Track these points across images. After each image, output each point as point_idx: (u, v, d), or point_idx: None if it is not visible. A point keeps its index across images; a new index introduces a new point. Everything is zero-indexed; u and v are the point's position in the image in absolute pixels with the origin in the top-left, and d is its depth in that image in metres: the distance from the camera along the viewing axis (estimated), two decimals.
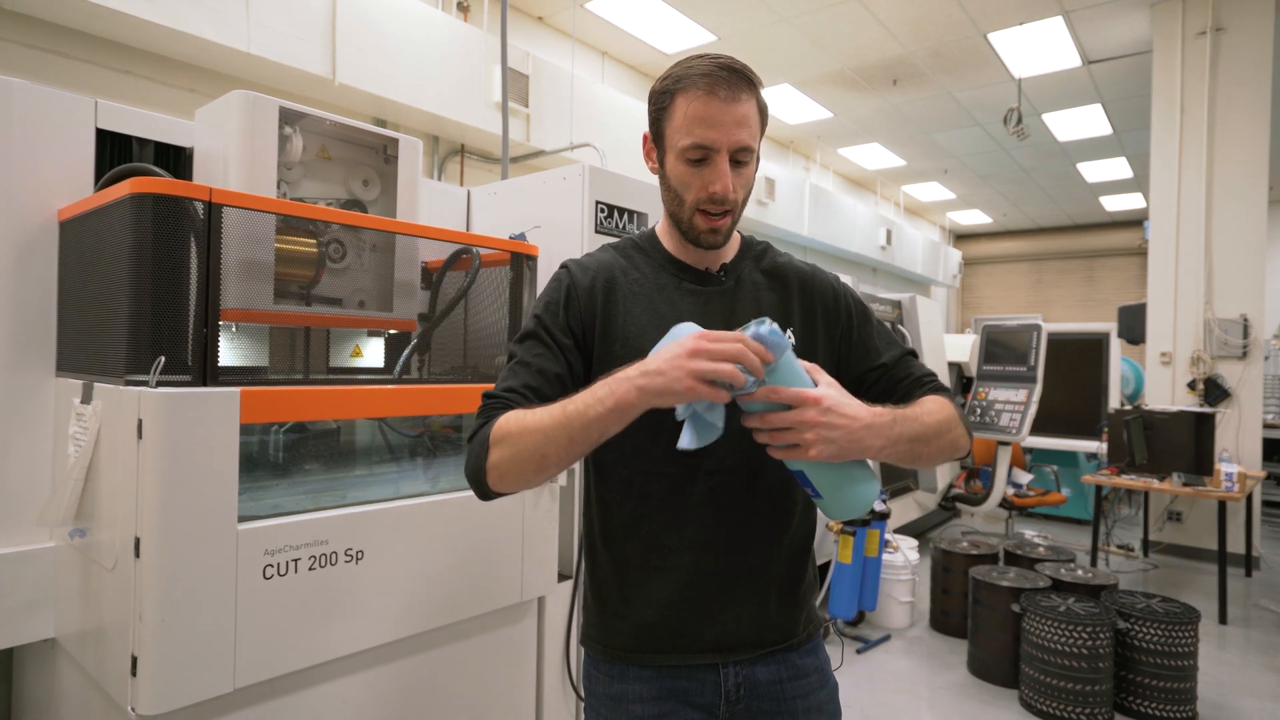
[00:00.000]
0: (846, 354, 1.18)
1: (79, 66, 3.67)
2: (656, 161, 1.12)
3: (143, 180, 1.44)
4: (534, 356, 1.09)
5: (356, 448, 2.08)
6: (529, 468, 0.98)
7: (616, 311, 1.11)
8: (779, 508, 1.12)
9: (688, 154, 1.04)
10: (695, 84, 1.02)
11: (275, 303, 1.75)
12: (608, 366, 1.01)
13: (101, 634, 1.49)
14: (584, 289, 1.12)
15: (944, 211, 12.82)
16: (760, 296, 1.15)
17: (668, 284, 1.14)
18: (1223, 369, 5.28)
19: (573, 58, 6.02)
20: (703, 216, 1.07)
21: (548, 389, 1.06)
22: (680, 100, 1.04)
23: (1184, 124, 5.44)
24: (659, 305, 1.11)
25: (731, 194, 1.05)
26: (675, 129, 1.05)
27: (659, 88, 1.08)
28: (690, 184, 1.06)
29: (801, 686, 1.13)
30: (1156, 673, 2.89)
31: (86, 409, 1.54)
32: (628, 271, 1.15)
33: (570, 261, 1.18)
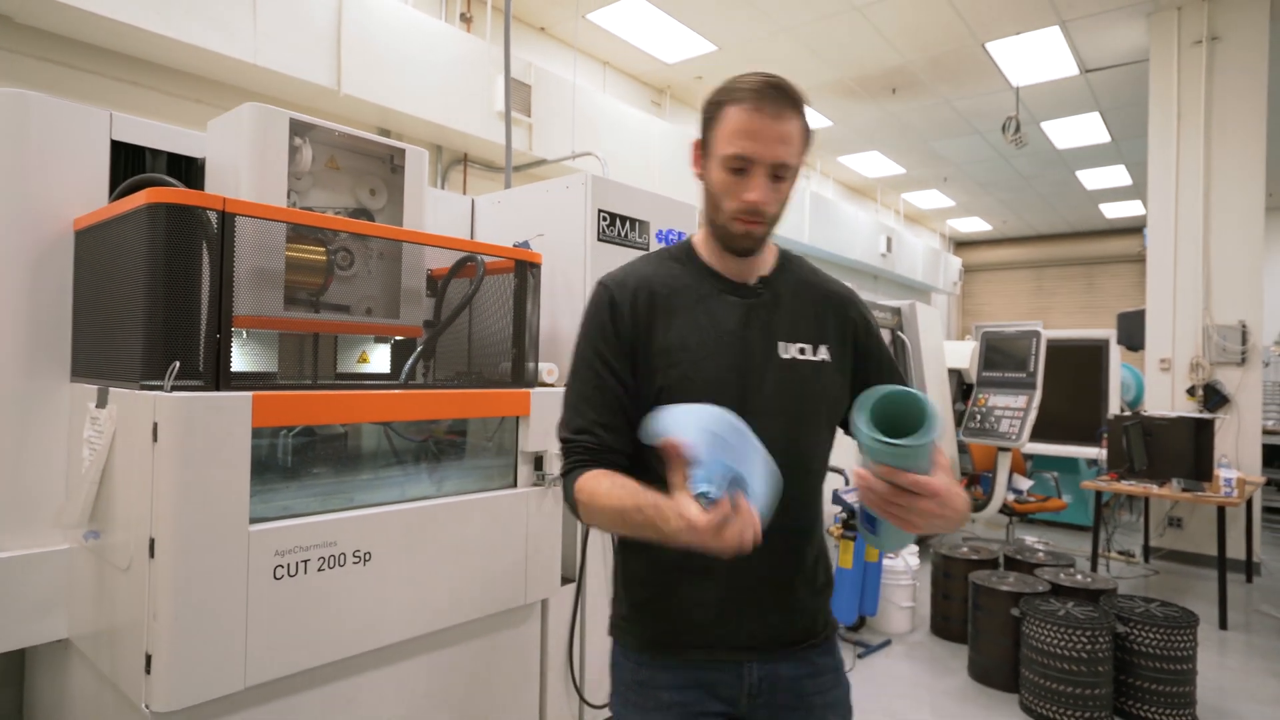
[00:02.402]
0: (864, 374, 1.21)
1: (90, 79, 3.73)
2: (702, 167, 1.15)
3: (159, 190, 1.48)
4: (594, 389, 1.14)
5: (363, 452, 2.11)
6: (604, 528, 1.14)
7: (657, 324, 1.14)
8: (808, 513, 1.17)
9: (729, 163, 1.08)
10: (743, 97, 1.07)
11: (285, 309, 1.79)
12: (651, 377, 1.12)
13: (115, 633, 1.52)
14: (626, 306, 1.15)
15: (944, 219, 12.88)
16: (798, 309, 1.18)
17: (707, 294, 1.16)
18: (1221, 375, 5.30)
19: (574, 68, 6.09)
20: (739, 221, 1.11)
21: (614, 421, 1.13)
22: (728, 111, 1.08)
23: (1181, 132, 5.49)
24: (698, 316, 1.14)
25: (767, 206, 1.09)
26: (720, 138, 1.09)
27: (711, 98, 1.12)
28: (729, 192, 1.10)
29: (820, 684, 1.18)
30: (1155, 677, 2.91)
31: (101, 413, 1.58)
32: (666, 283, 1.17)
33: (608, 279, 1.20)
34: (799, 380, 1.14)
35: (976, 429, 5.25)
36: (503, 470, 2.10)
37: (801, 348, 1.16)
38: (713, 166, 1.11)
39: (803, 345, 1.16)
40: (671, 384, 1.11)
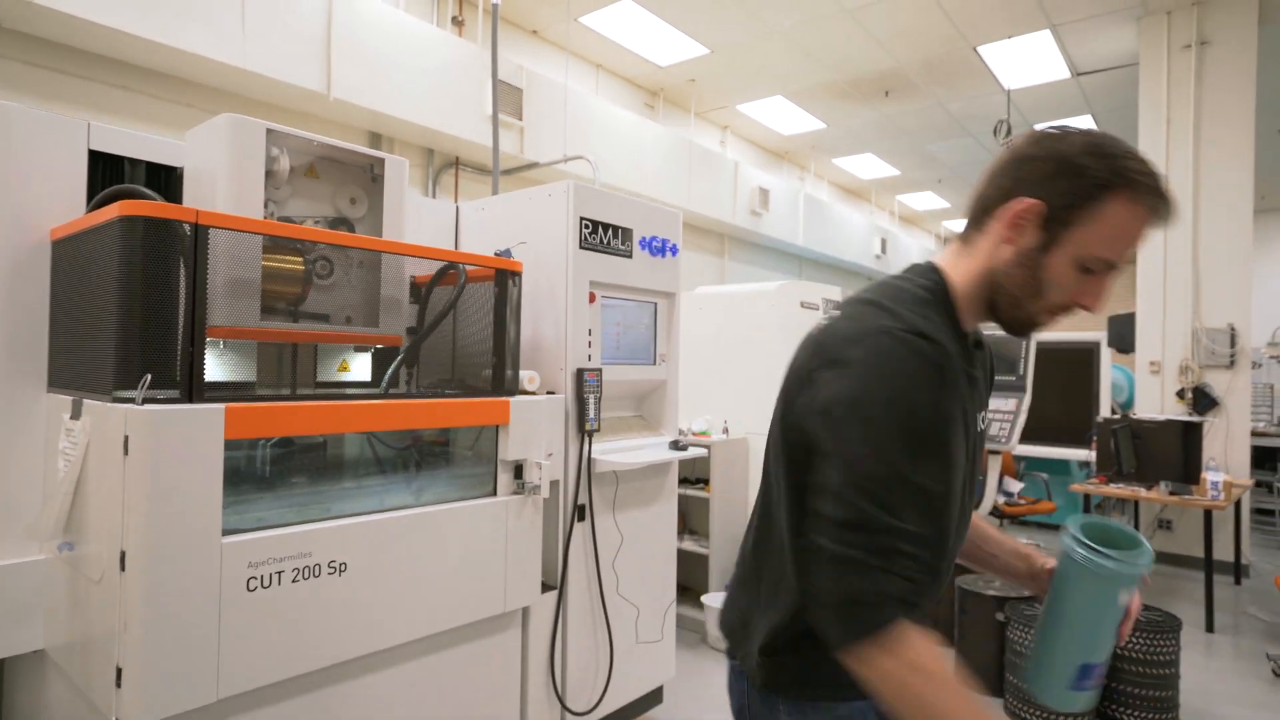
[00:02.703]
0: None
1: (76, 83, 3.73)
2: (1035, 241, 0.90)
3: (131, 203, 1.48)
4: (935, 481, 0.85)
5: (343, 460, 2.12)
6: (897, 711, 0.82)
7: (955, 424, 0.90)
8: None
9: (1094, 264, 0.88)
10: (1147, 198, 0.85)
11: (262, 319, 1.80)
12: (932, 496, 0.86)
13: (88, 645, 1.52)
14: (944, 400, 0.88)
15: (938, 220, 12.90)
16: (985, 376, 1.07)
17: (966, 365, 0.97)
18: (1211, 378, 5.32)
19: (566, 71, 6.10)
20: (1049, 315, 0.95)
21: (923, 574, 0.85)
22: (1122, 204, 0.85)
23: (1170, 135, 5.50)
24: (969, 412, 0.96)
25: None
26: (1096, 233, 0.86)
27: (1094, 166, 0.85)
28: (1067, 288, 0.90)
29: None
30: (1138, 681, 2.92)
31: (76, 425, 1.58)
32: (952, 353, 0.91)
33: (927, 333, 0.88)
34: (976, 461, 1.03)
35: None
36: (482, 479, 2.10)
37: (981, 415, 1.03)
38: (1061, 255, 0.88)
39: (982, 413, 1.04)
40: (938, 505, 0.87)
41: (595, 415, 2.36)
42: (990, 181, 0.95)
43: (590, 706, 2.39)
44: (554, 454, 2.24)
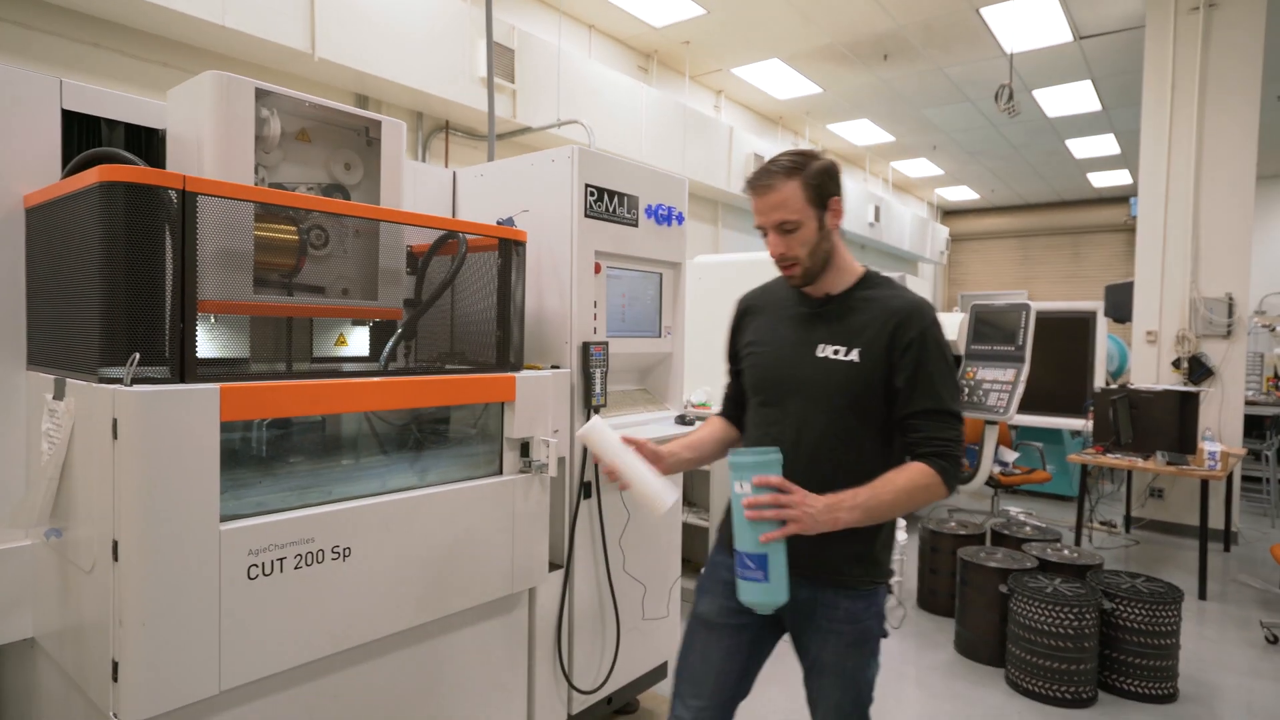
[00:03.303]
0: (893, 387, 1.43)
1: (45, 39, 3.53)
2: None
3: (112, 168, 1.37)
4: (727, 372, 1.71)
5: (342, 439, 2.04)
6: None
7: (750, 323, 1.64)
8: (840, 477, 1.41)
9: (759, 231, 1.50)
10: (747, 186, 1.50)
11: (255, 292, 1.70)
12: (742, 361, 1.62)
13: (81, 637, 1.45)
14: (737, 311, 1.68)
15: (932, 188, 12.79)
16: (846, 319, 1.48)
17: (788, 306, 1.57)
18: (1207, 348, 5.32)
19: (559, 31, 5.89)
20: (781, 268, 1.51)
21: (730, 390, 1.71)
22: (749, 197, 1.50)
23: (1174, 100, 5.41)
24: (775, 321, 1.58)
25: (787, 252, 1.46)
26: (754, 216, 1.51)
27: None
28: (768, 249, 1.50)
29: (829, 613, 1.47)
30: (1140, 651, 2.94)
31: (59, 405, 1.49)
32: (772, 294, 1.63)
33: (740, 297, 1.71)
34: (824, 374, 1.45)
35: (964, 402, 5.24)
36: (488, 457, 2.03)
37: (836, 349, 1.46)
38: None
39: (837, 347, 1.46)
40: (747, 368, 1.60)
41: (601, 390, 2.29)
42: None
43: (597, 684, 2.36)
44: (560, 430, 2.17)
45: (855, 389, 1.43)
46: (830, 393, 1.44)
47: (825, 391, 1.45)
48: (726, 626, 1.53)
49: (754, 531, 1.31)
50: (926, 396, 1.42)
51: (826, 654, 1.48)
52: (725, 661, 1.52)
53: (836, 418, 1.45)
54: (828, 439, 1.44)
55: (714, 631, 1.54)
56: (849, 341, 1.45)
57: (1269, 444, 6.41)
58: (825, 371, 1.45)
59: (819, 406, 1.45)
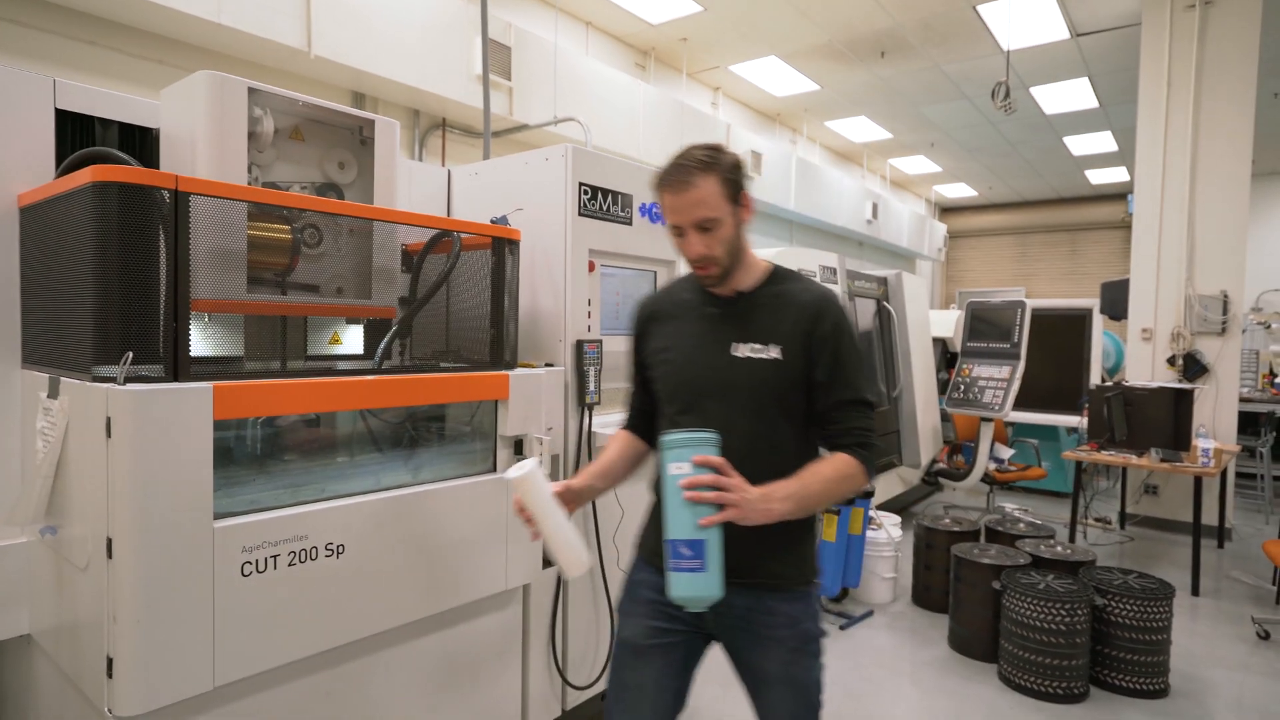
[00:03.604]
0: (812, 381, 1.42)
1: (41, 37, 3.53)
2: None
3: (105, 168, 1.38)
4: (632, 383, 1.63)
5: (337, 437, 2.05)
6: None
7: (656, 329, 1.54)
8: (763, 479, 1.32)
9: (672, 231, 1.42)
10: (660, 183, 1.39)
11: (249, 291, 1.70)
12: (652, 369, 1.53)
13: (76, 634, 1.47)
14: (639, 319, 1.59)
15: (930, 184, 12.79)
16: (760, 316, 1.44)
17: (695, 307, 1.50)
18: (1202, 345, 5.34)
19: (556, 28, 5.89)
20: (696, 269, 1.42)
21: (635, 401, 1.63)
22: (659, 194, 1.41)
23: (1170, 97, 5.42)
24: (684, 324, 1.50)
25: (704, 253, 1.38)
26: (662, 213, 1.42)
27: (651, 186, 1.44)
28: (680, 250, 1.42)
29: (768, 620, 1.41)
30: (1131, 647, 2.96)
31: (54, 404, 1.50)
32: (675, 297, 1.55)
33: (638, 302, 1.61)
34: (746, 373, 1.41)
35: (960, 399, 5.26)
36: (482, 454, 2.04)
37: (754, 346, 1.41)
38: (670, 234, 1.43)
39: (755, 345, 1.41)
40: (656, 376, 1.52)
41: (595, 388, 2.30)
42: None
43: (591, 680, 2.37)
44: (554, 428, 2.18)
45: (780, 386, 1.40)
46: (753, 392, 1.40)
47: (748, 391, 1.40)
48: (656, 648, 1.45)
49: (692, 515, 1.23)
50: (844, 387, 1.41)
51: (771, 664, 1.41)
52: (659, 686, 1.45)
53: (761, 417, 1.41)
54: (753, 440, 1.39)
55: (643, 656, 1.46)
56: (767, 338, 1.41)
57: (1263, 440, 6.43)
58: (747, 371, 1.40)
59: (742, 407, 1.40)
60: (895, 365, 5.47)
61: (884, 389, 5.35)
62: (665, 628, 1.45)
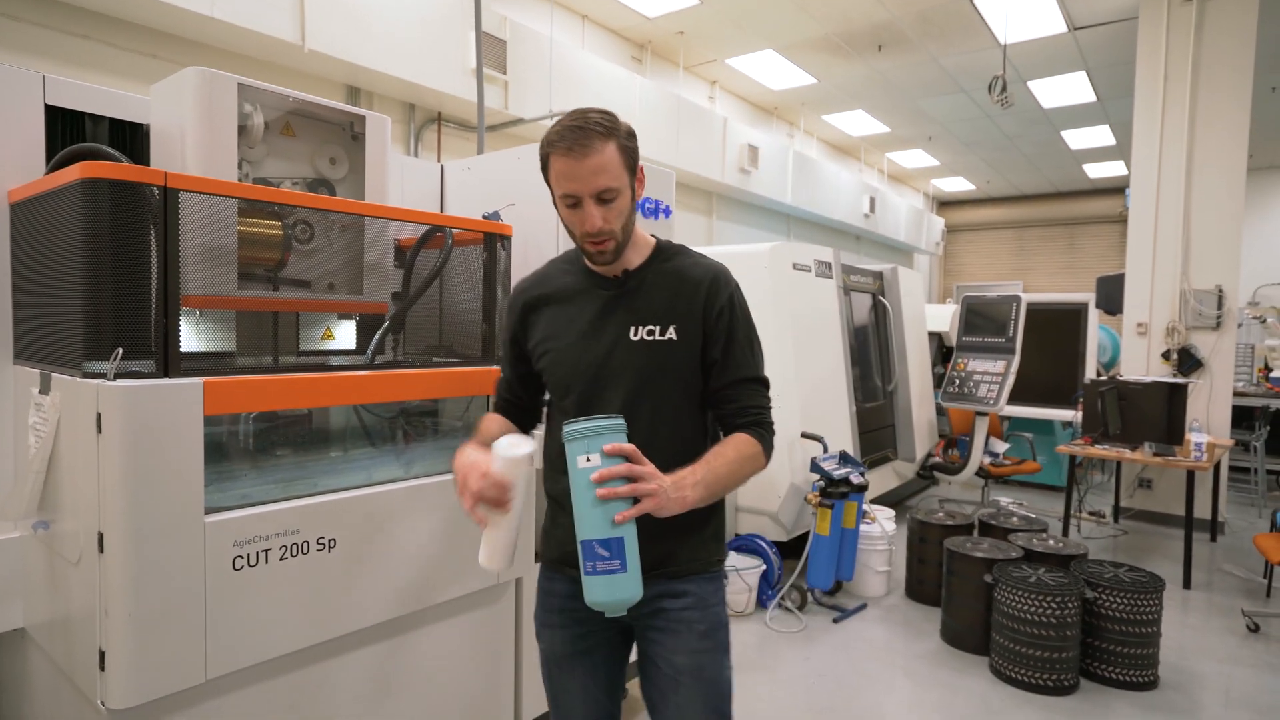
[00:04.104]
0: (708, 360, 1.37)
1: (32, 30, 3.52)
2: (554, 203, 1.33)
3: (94, 165, 1.39)
4: (504, 366, 1.53)
5: (329, 432, 2.06)
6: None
7: (539, 318, 1.42)
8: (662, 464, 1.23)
9: (564, 201, 1.28)
10: (555, 147, 1.25)
11: (240, 287, 1.71)
12: (537, 359, 1.42)
13: (69, 627, 1.48)
14: (517, 308, 1.46)
15: (927, 178, 12.78)
16: (653, 296, 1.36)
17: (582, 291, 1.39)
18: (1196, 339, 5.35)
19: (551, 21, 5.87)
20: (590, 244, 1.30)
21: (508, 393, 1.54)
22: (551, 160, 1.26)
23: (1167, 91, 5.42)
24: (572, 310, 1.39)
25: (604, 226, 1.26)
26: (553, 182, 1.28)
27: (540, 149, 1.29)
28: (573, 222, 1.30)
29: (677, 603, 1.36)
30: (1121, 639, 2.98)
31: (45, 400, 1.50)
32: (554, 282, 1.43)
33: (514, 286, 1.51)
34: (645, 358, 1.33)
35: (955, 393, 5.28)
36: None
37: (650, 329, 1.34)
38: (558, 204, 1.30)
39: (651, 327, 1.34)
40: (545, 367, 1.41)
41: None
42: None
43: None
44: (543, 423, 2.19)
45: (680, 369, 1.34)
46: (653, 377, 1.33)
47: (648, 377, 1.32)
48: (576, 655, 1.42)
49: (606, 512, 1.12)
50: (740, 365, 1.36)
51: (680, 656, 1.34)
52: (586, 694, 1.42)
53: (663, 402, 1.34)
54: (657, 427, 1.32)
55: (566, 668, 1.42)
56: (661, 319, 1.33)
57: (1258, 435, 6.46)
58: (645, 355, 1.33)
59: (643, 394, 1.32)
60: (891, 359, 5.48)
61: (879, 383, 5.36)
62: (582, 633, 1.40)
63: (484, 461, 1.23)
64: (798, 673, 3.10)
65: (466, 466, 1.24)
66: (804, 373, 4.15)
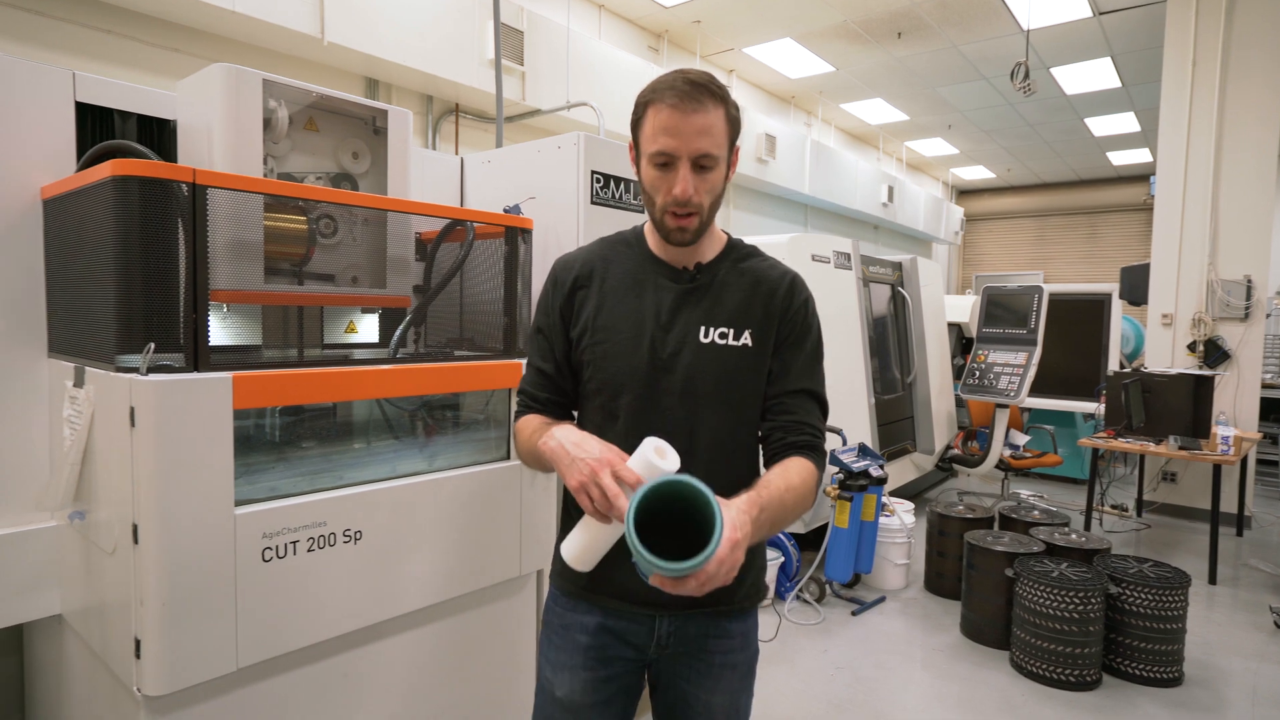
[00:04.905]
0: (773, 364, 1.24)
1: (58, 26, 3.56)
2: (636, 165, 1.20)
3: (124, 162, 1.40)
4: (537, 359, 1.30)
5: (353, 424, 2.08)
6: (529, 464, 1.26)
7: (588, 299, 1.24)
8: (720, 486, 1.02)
9: (655, 159, 1.13)
10: (663, 97, 1.11)
11: (266, 282, 1.73)
12: (582, 350, 1.23)
13: (105, 615, 1.51)
14: (566, 282, 1.26)
15: (947, 167, 12.62)
16: (726, 296, 1.22)
17: (646, 279, 1.24)
18: (1224, 330, 5.26)
19: (568, 12, 5.84)
20: (671, 216, 1.16)
21: (546, 388, 1.28)
22: (650, 111, 1.13)
23: (1195, 77, 5.30)
24: (632, 300, 1.23)
25: (694, 196, 1.13)
26: (646, 137, 1.14)
27: (638, 99, 1.17)
28: (659, 187, 1.15)
29: (724, 645, 1.26)
30: (1145, 635, 2.95)
31: (79, 393, 1.53)
32: (611, 265, 1.26)
33: (558, 260, 1.31)
34: (716, 364, 1.19)
35: (975, 385, 5.23)
36: (496, 442, 2.07)
37: (723, 332, 1.20)
38: (644, 164, 1.16)
39: (724, 330, 1.20)
40: (596, 359, 1.22)
41: None
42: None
43: None
44: None
45: (752, 380, 1.21)
46: (723, 387, 1.18)
47: (719, 387, 1.18)
48: (597, 705, 1.24)
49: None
50: (805, 375, 1.22)
51: (719, 696, 1.25)
52: None
53: (729, 416, 1.20)
54: (720, 444, 1.19)
55: (580, 716, 1.24)
56: (736, 323, 1.20)
57: None
58: (717, 362, 1.18)
59: (710, 405, 1.18)
60: (910, 351, 5.44)
61: (898, 375, 5.32)
62: (606, 677, 1.24)
63: (616, 456, 1.02)
64: (816, 665, 3.11)
65: (597, 458, 1.01)
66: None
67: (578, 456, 1.03)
